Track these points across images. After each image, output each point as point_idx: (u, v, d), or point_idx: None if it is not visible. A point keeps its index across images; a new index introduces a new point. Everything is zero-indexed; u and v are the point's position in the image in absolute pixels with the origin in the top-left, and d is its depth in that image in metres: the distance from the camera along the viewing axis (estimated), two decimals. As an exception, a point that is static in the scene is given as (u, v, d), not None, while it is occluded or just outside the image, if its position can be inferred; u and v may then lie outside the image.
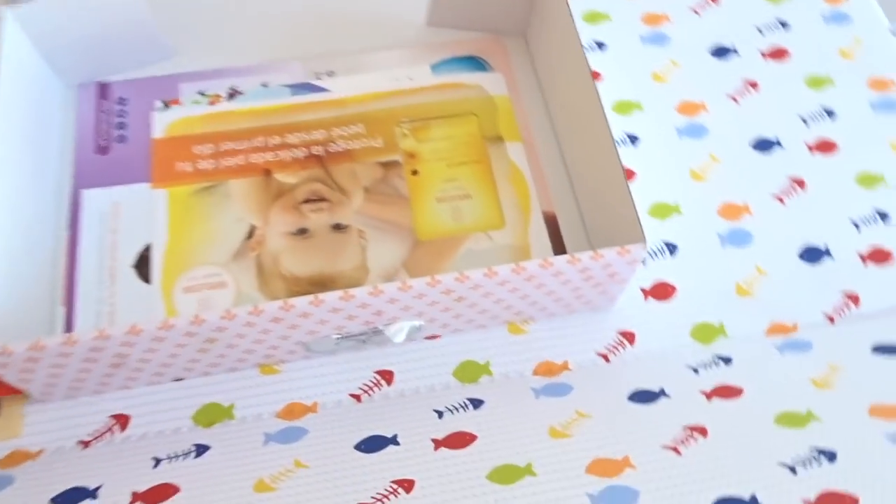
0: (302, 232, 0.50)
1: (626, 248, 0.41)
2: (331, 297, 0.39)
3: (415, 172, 0.51)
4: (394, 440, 0.41)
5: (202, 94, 0.55)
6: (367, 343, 0.46)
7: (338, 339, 0.44)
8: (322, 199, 0.50)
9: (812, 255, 0.51)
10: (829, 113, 0.56)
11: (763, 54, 0.59)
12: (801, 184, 0.54)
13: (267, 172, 0.51)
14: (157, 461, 0.42)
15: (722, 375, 0.45)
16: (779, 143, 0.55)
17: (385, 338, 0.45)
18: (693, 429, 0.40)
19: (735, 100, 0.57)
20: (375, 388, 0.46)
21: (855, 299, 0.50)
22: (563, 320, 0.48)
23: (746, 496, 0.35)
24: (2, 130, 0.45)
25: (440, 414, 0.44)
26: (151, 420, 0.45)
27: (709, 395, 0.43)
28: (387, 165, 0.52)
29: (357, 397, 0.46)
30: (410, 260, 0.49)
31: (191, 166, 0.51)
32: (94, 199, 0.50)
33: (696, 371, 0.45)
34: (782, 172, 0.54)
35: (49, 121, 0.52)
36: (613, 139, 0.44)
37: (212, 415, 0.45)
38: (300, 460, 0.40)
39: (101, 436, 0.44)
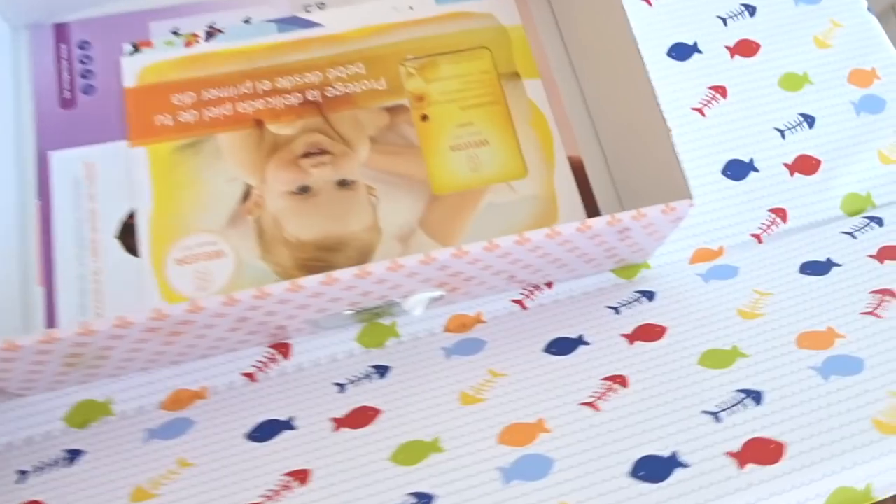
0: (304, 190, 0.44)
1: (671, 205, 0.36)
2: (346, 274, 0.34)
3: (424, 118, 0.46)
4: (289, 424, 0.37)
5: (176, 33, 0.47)
6: (381, 317, 0.41)
7: (350, 314, 0.39)
8: (324, 152, 0.45)
9: (736, 169, 0.48)
10: (750, 10, 0.51)
11: (678, -52, 0.53)
12: (722, 91, 0.49)
13: (259, 123, 0.45)
14: (24, 474, 0.37)
15: (644, 314, 0.41)
16: (697, 49, 0.50)
17: (402, 310, 0.41)
18: (613, 379, 0.37)
19: (648, 2, 0.51)
20: (271, 364, 0.42)
21: (782, 214, 0.47)
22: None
23: (666, 453, 0.33)
24: None
25: (342, 387, 0.40)
26: (18, 427, 0.39)
27: (630, 339, 0.40)
28: (393, 111, 0.46)
29: (251, 376, 0.41)
30: (427, 217, 0.44)
31: (171, 119, 0.45)
32: (65, 162, 0.44)
33: (617, 311, 0.42)
34: (702, 81, 0.49)
35: None
36: (650, 79, 0.39)
37: (86, 414, 0.40)
38: (185, 458, 0.36)
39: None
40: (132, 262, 0.42)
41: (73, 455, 0.38)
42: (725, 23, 0.51)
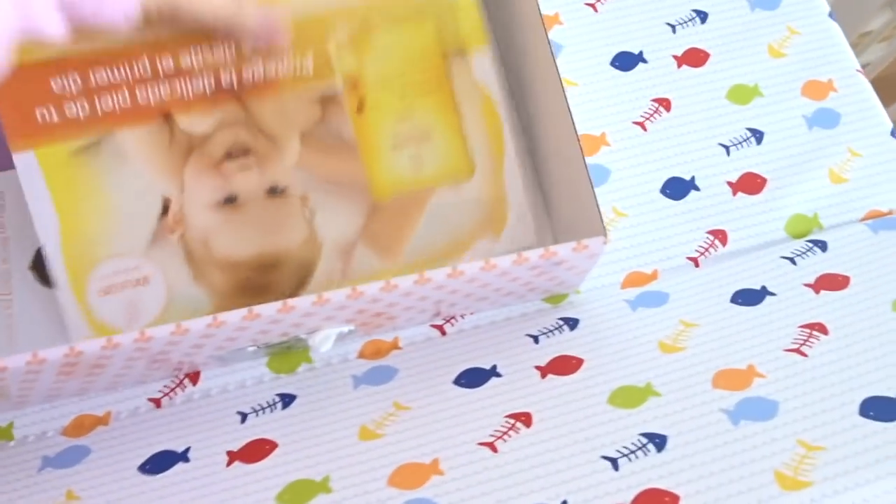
0: (230, 201, 0.40)
1: (584, 243, 0.35)
2: (267, 309, 0.32)
3: (360, 108, 0.41)
4: (184, 456, 0.36)
5: None
6: (290, 350, 0.40)
7: (254, 349, 0.38)
8: (247, 152, 0.40)
9: (676, 188, 0.45)
10: (702, 15, 0.49)
11: (625, -50, 0.50)
12: (666, 104, 0.47)
13: (166, 116, 0.39)
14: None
15: (563, 343, 0.40)
16: (642, 58, 0.48)
17: (308, 347, 0.39)
18: (517, 417, 0.36)
19: (594, 8, 0.49)
20: (178, 390, 0.41)
21: (721, 236, 0.44)
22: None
23: (556, 503, 0.31)
24: None
25: (244, 417, 0.38)
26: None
27: (544, 372, 0.38)
28: (325, 101, 0.40)
29: (157, 402, 0.40)
30: (369, 228, 0.40)
31: (55, 113, 0.38)
32: None
33: (536, 340, 0.40)
34: (645, 93, 0.47)
35: None
36: (569, 107, 0.37)
37: (-12, 438, 0.39)
38: (73, 491, 0.35)
39: None
40: (49, 294, 0.40)
41: (-35, 484, 0.37)
42: (674, 30, 0.49)
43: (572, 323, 0.41)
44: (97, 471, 0.36)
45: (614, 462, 0.33)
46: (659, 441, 0.33)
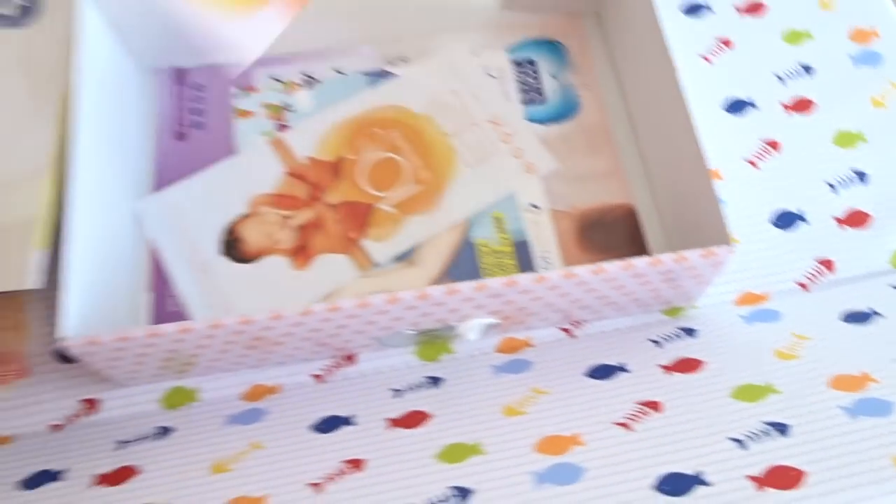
0: None
1: (712, 249, 0.40)
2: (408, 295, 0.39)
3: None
4: (349, 420, 0.42)
5: (277, 80, 0.54)
6: (439, 339, 0.46)
7: (412, 334, 0.44)
8: None
9: (785, 220, 0.50)
10: (807, 69, 0.54)
11: (738, 9, 0.56)
12: (774, 146, 0.52)
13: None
14: (123, 443, 0.42)
15: (684, 348, 0.44)
16: (753, 105, 0.53)
17: (458, 334, 0.45)
18: (647, 404, 0.40)
19: (707, 59, 0.55)
20: (337, 369, 0.46)
21: (829, 265, 0.48)
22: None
23: (691, 472, 0.35)
24: (86, 119, 0.44)
25: (398, 392, 0.44)
26: (120, 405, 0.45)
27: (668, 369, 0.42)
28: None
29: (319, 377, 0.46)
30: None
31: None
32: (153, 210, 0.50)
33: (658, 344, 0.45)
34: (756, 135, 0.52)
35: (127, 105, 0.51)
36: (696, 128, 0.42)
37: (177, 398, 0.45)
38: (257, 442, 0.41)
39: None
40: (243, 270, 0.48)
41: (164, 431, 0.43)
42: (782, 80, 0.54)
43: (691, 332, 0.45)
44: (275, 427, 0.42)
45: (741, 443, 0.36)
46: (782, 428, 0.37)
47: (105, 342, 0.39)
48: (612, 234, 0.49)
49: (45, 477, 0.41)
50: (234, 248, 0.49)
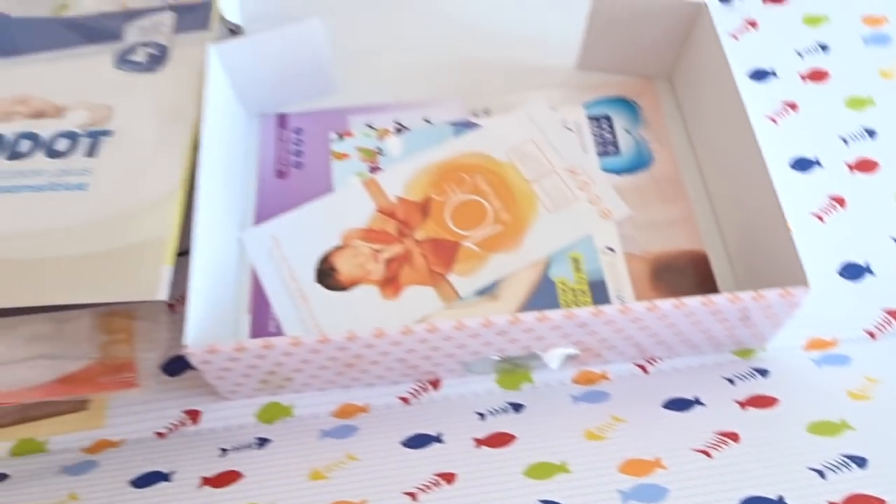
0: None
1: (789, 290, 0.42)
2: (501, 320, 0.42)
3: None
4: (437, 438, 0.44)
5: (370, 126, 0.59)
6: (520, 368, 0.48)
7: (497, 360, 0.47)
8: None
9: (852, 271, 0.52)
10: (870, 133, 0.57)
11: (802, 76, 0.60)
12: (840, 202, 0.55)
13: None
14: (224, 451, 0.46)
15: (757, 387, 0.46)
16: (818, 163, 0.56)
17: (541, 363, 0.47)
18: (725, 434, 0.42)
19: (774, 120, 0.58)
20: (423, 393, 0.49)
21: (896, 315, 0.50)
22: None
23: (774, 497, 0.37)
24: (208, 156, 0.50)
25: (482, 416, 0.46)
26: (222, 417, 0.49)
27: (743, 405, 0.44)
28: None
29: (405, 400, 0.49)
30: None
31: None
32: (255, 239, 0.54)
33: (731, 382, 0.47)
34: (822, 191, 0.55)
35: (236, 145, 0.57)
36: (771, 179, 0.46)
37: (273, 413, 0.49)
38: (352, 453, 0.44)
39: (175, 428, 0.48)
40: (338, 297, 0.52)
41: (263, 441, 0.46)
42: (846, 142, 0.57)
43: (763, 372, 0.47)
44: (367, 441, 0.45)
45: (820, 473, 0.38)
46: (860, 461, 0.38)
47: (223, 351, 0.42)
48: (684, 277, 0.52)
49: (155, 477, 0.44)
50: (328, 276, 0.53)
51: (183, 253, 0.47)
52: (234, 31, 0.62)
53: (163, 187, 0.49)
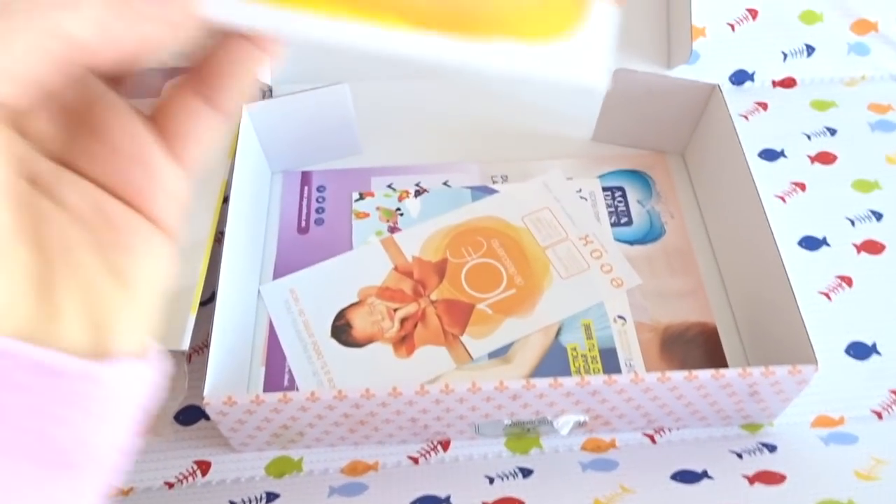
0: None
1: (798, 367, 0.43)
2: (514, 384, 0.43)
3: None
4: (446, 500, 0.45)
5: (391, 187, 0.61)
6: (529, 432, 0.49)
7: (507, 424, 0.47)
8: None
9: (860, 350, 0.53)
10: (877, 215, 0.59)
11: (811, 158, 0.62)
12: (848, 281, 0.56)
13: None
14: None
15: (765, 462, 0.46)
16: (826, 242, 0.58)
17: (551, 428, 0.48)
18: (733, 509, 0.42)
19: (782, 199, 0.60)
20: (432, 453, 0.49)
21: (903, 396, 0.51)
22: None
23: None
24: (234, 210, 0.51)
25: (491, 480, 0.47)
26: (232, 469, 0.49)
27: (751, 480, 0.45)
28: None
29: (415, 460, 0.49)
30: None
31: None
32: (273, 292, 0.56)
33: (739, 456, 0.47)
34: (829, 270, 0.56)
35: (261, 200, 0.59)
36: (781, 256, 0.47)
37: (282, 467, 0.49)
38: (360, 513, 0.44)
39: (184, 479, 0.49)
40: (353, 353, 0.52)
41: (271, 496, 0.46)
42: (853, 223, 0.59)
43: (771, 447, 0.48)
44: (376, 501, 0.45)
45: (829, 554, 0.38)
46: (868, 543, 0.38)
47: (241, 403, 0.43)
48: (693, 348, 0.53)
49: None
50: (343, 332, 0.54)
51: (203, 303, 0.49)
52: (265, 92, 0.65)
53: (194, 237, 0.51)
